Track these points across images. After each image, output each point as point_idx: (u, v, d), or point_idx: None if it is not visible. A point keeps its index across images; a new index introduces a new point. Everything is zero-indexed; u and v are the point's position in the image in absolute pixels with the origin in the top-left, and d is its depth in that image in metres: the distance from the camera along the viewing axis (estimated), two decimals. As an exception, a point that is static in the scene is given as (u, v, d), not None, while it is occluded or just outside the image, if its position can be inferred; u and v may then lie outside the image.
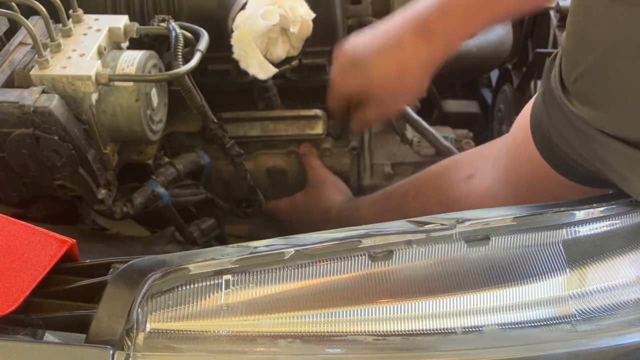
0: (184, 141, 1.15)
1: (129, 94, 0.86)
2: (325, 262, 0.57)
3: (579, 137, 0.58)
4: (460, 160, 0.88)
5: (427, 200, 0.88)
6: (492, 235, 0.60)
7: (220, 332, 0.55)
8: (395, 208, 0.95)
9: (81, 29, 0.87)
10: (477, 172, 0.81)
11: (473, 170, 0.81)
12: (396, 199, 0.96)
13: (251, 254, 0.56)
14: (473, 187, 0.80)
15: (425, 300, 0.58)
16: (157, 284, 0.54)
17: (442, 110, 1.44)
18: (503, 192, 0.74)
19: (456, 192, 0.82)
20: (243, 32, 0.97)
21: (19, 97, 0.78)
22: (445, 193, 0.84)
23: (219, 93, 1.11)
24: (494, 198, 0.75)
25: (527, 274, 0.60)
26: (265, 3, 0.96)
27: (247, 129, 1.19)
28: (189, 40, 0.89)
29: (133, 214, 0.97)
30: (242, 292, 0.56)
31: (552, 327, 0.58)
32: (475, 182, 0.80)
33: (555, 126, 0.61)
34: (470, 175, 0.81)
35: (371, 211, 1.02)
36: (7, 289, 0.54)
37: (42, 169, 0.84)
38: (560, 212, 0.61)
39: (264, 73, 1.00)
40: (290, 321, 0.56)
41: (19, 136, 0.80)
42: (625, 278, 0.61)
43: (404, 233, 0.58)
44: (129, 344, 0.52)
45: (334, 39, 1.11)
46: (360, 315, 0.57)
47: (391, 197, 0.98)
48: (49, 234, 0.58)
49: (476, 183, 0.80)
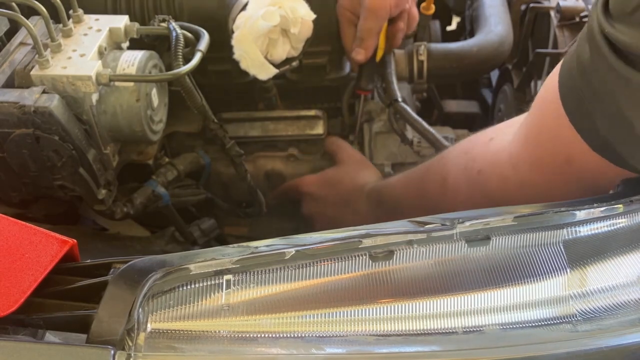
0: (184, 141, 1.15)
1: (130, 94, 0.86)
2: (326, 262, 0.57)
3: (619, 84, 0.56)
4: (487, 129, 0.88)
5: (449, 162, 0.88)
6: (492, 235, 0.60)
7: (221, 332, 0.55)
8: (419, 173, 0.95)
9: (81, 29, 0.87)
10: (498, 134, 0.81)
11: (495, 134, 0.81)
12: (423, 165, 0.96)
13: (252, 254, 0.56)
14: (491, 148, 0.80)
15: (426, 300, 0.58)
16: (158, 284, 0.54)
17: (442, 110, 1.45)
18: (517, 150, 0.74)
19: (476, 151, 0.82)
20: (244, 32, 0.97)
21: (19, 97, 0.78)
22: (465, 154, 0.84)
23: (219, 93, 1.11)
24: (508, 156, 0.75)
25: (528, 274, 0.60)
26: (266, 4, 0.97)
27: (247, 129, 1.19)
28: (189, 40, 0.89)
29: (133, 214, 0.97)
30: (243, 292, 0.56)
31: (553, 327, 0.58)
32: (494, 143, 0.80)
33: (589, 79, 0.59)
34: (492, 138, 0.81)
35: (399, 179, 1.02)
36: (7, 289, 0.54)
37: (42, 169, 0.84)
38: (561, 212, 0.61)
39: (265, 74, 1.00)
40: (291, 321, 0.56)
41: (19, 136, 0.80)
42: (626, 278, 0.61)
43: (404, 233, 0.58)
44: (130, 344, 0.52)
45: (334, 40, 1.11)
46: (361, 315, 0.57)
47: (420, 166, 0.98)
48: (49, 234, 0.58)
49: (495, 144, 0.79)
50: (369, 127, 1.22)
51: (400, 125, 1.16)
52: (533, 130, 0.72)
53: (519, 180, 0.74)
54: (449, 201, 0.86)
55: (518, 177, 0.74)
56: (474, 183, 0.81)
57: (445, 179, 0.87)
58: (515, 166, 0.74)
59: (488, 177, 0.79)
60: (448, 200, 0.86)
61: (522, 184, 0.74)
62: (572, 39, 1.16)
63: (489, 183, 0.78)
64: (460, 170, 0.84)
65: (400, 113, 1.13)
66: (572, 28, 1.18)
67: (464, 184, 0.83)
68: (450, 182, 0.86)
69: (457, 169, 0.85)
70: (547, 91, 0.69)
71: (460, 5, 1.63)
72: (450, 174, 0.86)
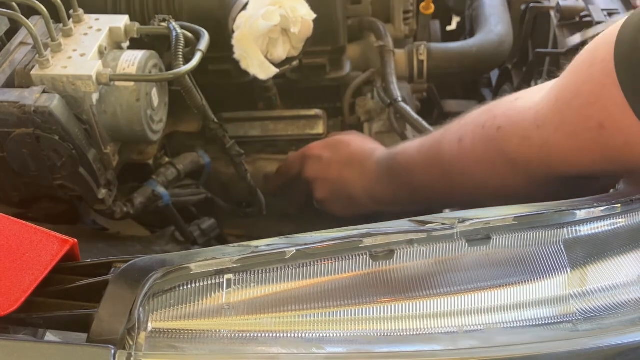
0: (184, 141, 1.15)
1: (130, 94, 0.86)
2: (326, 262, 0.57)
3: None
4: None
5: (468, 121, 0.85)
6: (493, 234, 0.60)
7: (222, 332, 0.55)
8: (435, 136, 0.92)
9: (82, 29, 0.87)
10: (525, 95, 0.78)
11: (521, 95, 0.79)
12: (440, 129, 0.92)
13: (252, 253, 0.56)
14: (516, 106, 0.77)
15: (426, 299, 0.58)
16: (159, 284, 0.54)
17: (442, 110, 1.45)
18: (544, 110, 0.71)
19: (498, 109, 0.79)
20: (244, 32, 0.97)
21: (20, 97, 0.78)
22: (486, 112, 0.81)
23: (219, 93, 1.11)
24: (533, 115, 0.72)
25: (528, 273, 0.60)
26: (266, 3, 0.97)
27: (247, 129, 1.19)
28: (189, 40, 0.89)
29: (133, 214, 0.97)
30: (243, 291, 0.56)
31: (553, 326, 0.58)
32: (520, 102, 0.77)
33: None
34: (517, 98, 0.78)
35: (412, 144, 0.97)
36: (8, 288, 0.54)
37: (42, 168, 0.84)
38: (562, 212, 0.61)
39: (265, 73, 1.00)
40: (291, 320, 0.56)
41: (19, 136, 0.80)
42: (626, 277, 0.61)
43: (405, 232, 0.58)
44: (131, 343, 0.52)
45: (334, 39, 1.11)
46: (362, 315, 0.57)
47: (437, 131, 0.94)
48: (50, 233, 0.58)
49: (520, 103, 0.77)
50: (369, 127, 1.22)
51: (400, 125, 1.16)
52: (567, 93, 0.69)
53: (542, 140, 0.71)
54: (464, 160, 0.83)
55: (541, 137, 0.71)
56: (492, 140, 0.78)
57: (462, 138, 0.83)
58: (540, 126, 0.71)
59: (508, 134, 0.76)
60: (463, 159, 0.83)
61: (544, 144, 0.71)
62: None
63: (509, 141, 0.76)
64: (479, 127, 0.81)
65: (400, 113, 1.13)
66: (572, 28, 1.18)
67: (481, 141, 0.80)
68: (467, 140, 0.83)
69: (476, 126, 0.82)
70: (598, 49, 0.66)
71: (460, 5, 1.64)
72: (468, 132, 0.83)
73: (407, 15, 1.30)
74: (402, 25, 1.29)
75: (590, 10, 1.13)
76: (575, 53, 1.14)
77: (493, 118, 0.79)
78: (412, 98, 1.28)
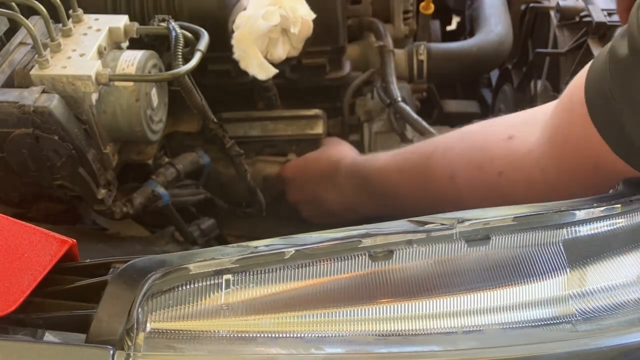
0: (184, 141, 1.15)
1: (129, 94, 0.86)
2: (325, 262, 0.57)
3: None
4: (498, 122, 0.85)
5: (458, 157, 0.84)
6: (492, 235, 0.60)
7: (221, 332, 0.55)
8: (418, 163, 0.91)
9: (81, 29, 0.87)
10: (518, 133, 0.77)
11: (514, 132, 0.78)
12: (420, 153, 0.92)
13: (251, 253, 0.56)
14: (513, 147, 0.77)
15: (425, 300, 0.58)
16: (158, 284, 0.54)
17: (442, 110, 1.45)
18: (543, 154, 0.72)
19: (493, 150, 0.79)
20: (244, 32, 0.97)
21: (19, 97, 0.78)
22: (479, 151, 0.81)
23: (219, 93, 1.11)
24: (535, 160, 0.73)
25: (528, 273, 0.60)
26: (266, 4, 0.97)
27: (246, 128, 1.19)
28: (189, 40, 0.89)
29: (133, 214, 0.97)
30: (242, 291, 0.56)
31: (553, 326, 0.58)
32: (515, 143, 0.77)
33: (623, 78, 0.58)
34: (511, 136, 0.77)
35: (389, 164, 0.98)
36: (7, 288, 0.54)
37: (42, 169, 0.84)
38: (561, 212, 0.61)
39: (264, 73, 1.00)
40: (290, 321, 0.56)
41: (19, 136, 0.80)
42: (625, 278, 0.61)
43: (404, 233, 0.58)
44: (129, 343, 0.52)
45: (334, 39, 1.11)
46: (361, 315, 0.57)
47: (415, 151, 0.95)
48: (49, 233, 0.58)
49: (517, 144, 0.76)
50: (369, 127, 1.22)
51: (400, 125, 1.16)
52: (559, 135, 0.70)
53: (548, 183, 0.72)
54: (459, 198, 0.83)
55: (546, 180, 0.72)
56: (494, 185, 0.78)
57: (453, 176, 0.84)
58: (543, 170, 0.72)
59: (512, 180, 0.76)
60: (458, 196, 0.84)
61: (550, 187, 0.72)
62: (572, 39, 1.17)
63: (513, 187, 0.76)
64: (474, 169, 0.81)
65: (400, 113, 1.14)
66: (572, 28, 1.18)
67: (481, 184, 0.80)
68: (461, 179, 0.83)
69: (470, 166, 0.82)
70: (574, 93, 0.67)
71: (460, 5, 1.64)
72: (460, 171, 0.83)
73: (407, 15, 1.30)
74: (401, 25, 1.29)
75: (590, 10, 1.13)
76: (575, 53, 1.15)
77: (490, 160, 0.79)
78: (412, 98, 1.28)
